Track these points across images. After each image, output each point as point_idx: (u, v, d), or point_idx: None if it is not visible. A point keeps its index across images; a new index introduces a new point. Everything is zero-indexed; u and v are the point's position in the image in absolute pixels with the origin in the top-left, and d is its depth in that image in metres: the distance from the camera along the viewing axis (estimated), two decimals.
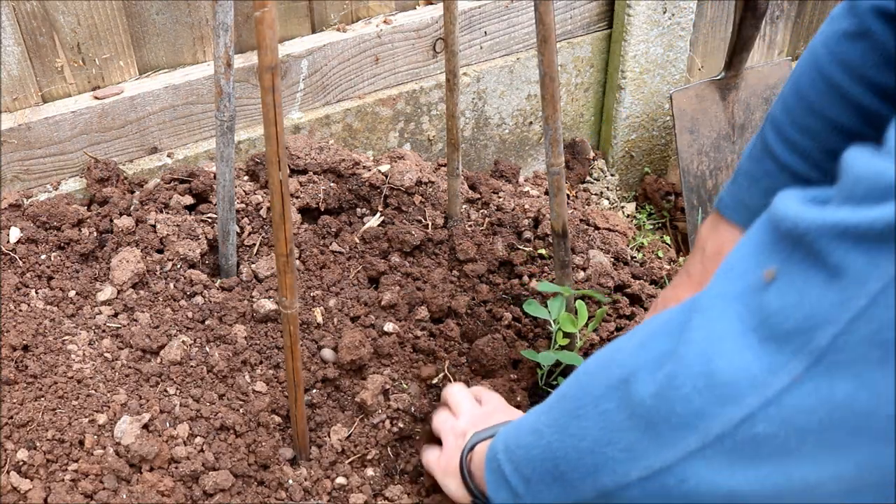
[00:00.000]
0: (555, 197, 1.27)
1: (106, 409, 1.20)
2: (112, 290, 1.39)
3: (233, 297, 1.43)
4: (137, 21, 1.54)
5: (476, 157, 1.99)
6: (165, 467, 1.15)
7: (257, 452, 1.20)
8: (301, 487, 1.18)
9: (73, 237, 1.44)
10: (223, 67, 1.28)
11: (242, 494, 1.15)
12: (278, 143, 0.93)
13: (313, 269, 1.52)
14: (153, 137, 1.60)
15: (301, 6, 1.69)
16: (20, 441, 1.16)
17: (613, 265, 1.66)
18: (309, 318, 1.43)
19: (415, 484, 1.24)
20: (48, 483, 1.12)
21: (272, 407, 1.27)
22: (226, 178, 1.37)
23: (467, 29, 1.83)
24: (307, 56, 1.68)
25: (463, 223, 1.65)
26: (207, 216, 1.51)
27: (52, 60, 1.50)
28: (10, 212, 1.46)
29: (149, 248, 1.45)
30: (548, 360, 1.33)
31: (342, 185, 1.62)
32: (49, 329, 1.32)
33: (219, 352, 1.32)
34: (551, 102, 1.21)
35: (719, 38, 2.20)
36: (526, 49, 1.94)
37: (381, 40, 1.75)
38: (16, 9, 1.41)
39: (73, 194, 1.54)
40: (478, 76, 1.89)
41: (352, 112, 1.76)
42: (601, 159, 2.16)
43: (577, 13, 1.98)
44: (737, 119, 2.12)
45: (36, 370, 1.25)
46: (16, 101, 1.49)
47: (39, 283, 1.39)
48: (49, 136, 1.50)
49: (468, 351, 1.44)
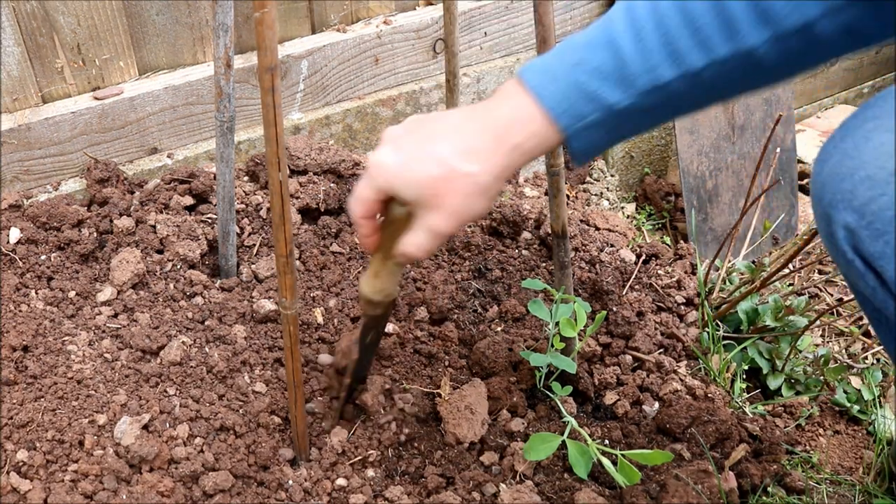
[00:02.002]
0: (554, 198, 1.27)
1: (106, 410, 1.20)
2: (112, 291, 1.39)
3: (233, 297, 1.43)
4: (137, 22, 1.54)
5: None
6: (165, 468, 1.15)
7: (257, 453, 1.20)
8: (301, 488, 1.18)
9: (73, 238, 1.44)
10: (223, 68, 1.28)
11: (242, 495, 1.15)
12: (278, 143, 0.93)
13: (313, 269, 1.52)
14: (153, 138, 1.60)
15: (301, 7, 1.70)
16: (20, 441, 1.16)
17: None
18: (309, 319, 1.43)
19: (416, 485, 1.24)
20: (48, 483, 1.12)
21: (272, 408, 1.27)
22: (226, 179, 1.37)
23: (467, 30, 1.83)
24: (307, 57, 1.68)
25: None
26: (207, 216, 1.51)
27: (52, 61, 1.50)
28: (10, 212, 1.46)
29: (149, 249, 1.45)
30: (540, 361, 1.33)
31: (342, 186, 1.62)
32: (49, 329, 1.32)
33: (218, 352, 1.32)
34: None
35: None
36: (526, 49, 1.94)
37: (381, 41, 1.75)
38: (16, 9, 1.42)
39: (73, 195, 1.54)
40: (478, 77, 1.89)
41: (352, 113, 1.76)
42: (601, 160, 2.16)
43: (577, 13, 1.98)
44: (737, 119, 2.13)
45: (36, 371, 1.25)
46: (16, 102, 1.49)
47: (39, 283, 1.39)
48: (49, 137, 1.50)
49: (469, 353, 1.44)
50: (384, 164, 0.91)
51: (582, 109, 0.87)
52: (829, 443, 1.49)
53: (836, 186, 0.87)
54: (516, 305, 1.52)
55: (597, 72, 0.86)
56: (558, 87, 0.87)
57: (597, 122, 0.87)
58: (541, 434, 1.23)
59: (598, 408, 1.40)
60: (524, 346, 1.44)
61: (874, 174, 0.84)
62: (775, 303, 1.58)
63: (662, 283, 1.67)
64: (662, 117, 0.92)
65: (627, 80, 0.85)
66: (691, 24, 0.83)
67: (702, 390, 1.42)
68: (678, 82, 0.85)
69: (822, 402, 1.57)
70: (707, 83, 0.85)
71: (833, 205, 0.87)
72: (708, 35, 0.83)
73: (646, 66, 0.85)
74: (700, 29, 0.83)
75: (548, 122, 0.88)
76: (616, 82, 0.86)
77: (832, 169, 0.88)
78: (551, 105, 0.88)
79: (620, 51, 0.85)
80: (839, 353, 1.67)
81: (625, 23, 0.86)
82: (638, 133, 0.97)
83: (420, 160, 0.90)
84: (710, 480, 1.22)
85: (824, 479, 1.41)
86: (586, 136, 0.89)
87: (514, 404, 1.33)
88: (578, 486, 1.21)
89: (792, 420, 1.50)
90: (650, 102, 0.86)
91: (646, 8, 0.85)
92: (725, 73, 0.84)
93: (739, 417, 1.40)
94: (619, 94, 0.86)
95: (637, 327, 1.51)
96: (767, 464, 1.33)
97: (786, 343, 1.56)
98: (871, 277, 0.87)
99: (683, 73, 0.84)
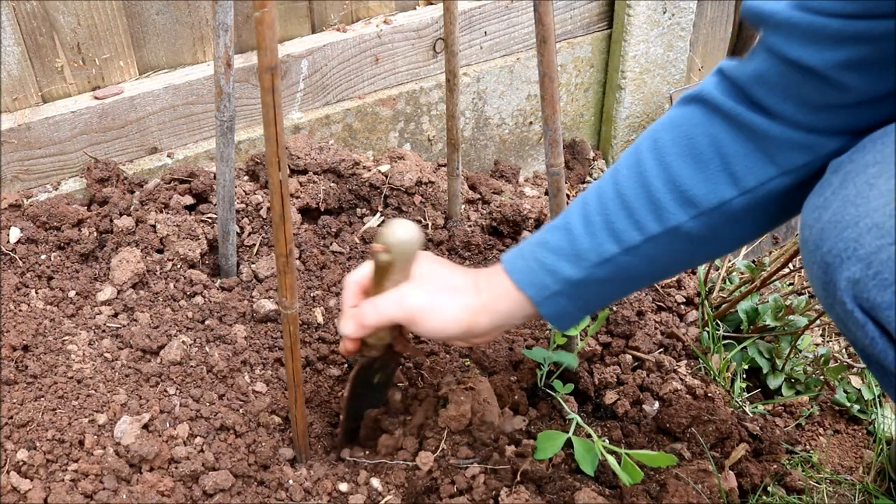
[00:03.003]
0: (554, 197, 1.27)
1: (106, 409, 1.20)
2: (112, 290, 1.39)
3: (233, 297, 1.43)
4: (137, 21, 1.54)
5: (476, 157, 1.99)
6: (165, 467, 1.15)
7: (257, 453, 1.20)
8: (301, 488, 1.18)
9: (73, 237, 1.44)
10: (223, 68, 1.28)
11: (242, 495, 1.15)
12: (278, 143, 0.92)
13: (313, 269, 1.52)
14: (153, 137, 1.60)
15: (301, 6, 1.70)
16: (20, 441, 1.16)
17: None
18: (309, 319, 1.43)
19: None
20: (48, 483, 1.12)
21: (272, 407, 1.27)
22: (226, 178, 1.37)
23: (467, 29, 1.83)
24: (307, 56, 1.68)
25: (463, 223, 1.65)
26: (207, 216, 1.51)
27: (52, 60, 1.50)
28: (10, 212, 1.46)
29: (149, 248, 1.45)
30: (542, 356, 1.33)
31: (342, 186, 1.62)
32: (49, 329, 1.32)
33: (219, 352, 1.32)
34: (551, 103, 1.21)
35: (719, 38, 2.20)
36: (526, 49, 1.94)
37: (381, 40, 1.75)
38: (16, 9, 1.42)
39: (73, 194, 1.54)
40: (478, 76, 1.89)
41: (352, 112, 1.76)
42: (601, 159, 2.16)
43: (577, 13, 1.98)
44: None
45: (36, 370, 1.25)
46: (16, 101, 1.49)
47: (39, 283, 1.39)
48: (49, 137, 1.50)
49: (469, 353, 1.44)
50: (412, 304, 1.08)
51: (544, 280, 1.03)
52: (829, 442, 1.49)
53: (839, 235, 0.84)
54: None
55: (554, 250, 1.03)
56: (525, 263, 1.05)
57: (558, 292, 1.03)
58: (547, 432, 1.23)
59: (599, 407, 1.40)
60: (524, 346, 1.44)
61: (882, 223, 0.81)
62: (775, 302, 1.58)
63: (662, 282, 1.67)
64: (622, 288, 1.08)
65: (579, 255, 1.02)
66: (626, 207, 1.00)
67: (702, 390, 1.42)
68: (623, 256, 1.00)
69: (822, 402, 1.57)
70: (649, 256, 1.01)
71: (835, 254, 0.84)
72: (640, 216, 1.00)
73: (593, 244, 1.01)
74: (633, 211, 1.00)
75: (518, 292, 1.05)
76: (570, 258, 1.02)
77: (833, 217, 0.85)
78: (519, 279, 1.05)
79: (572, 232, 1.03)
80: (839, 353, 1.66)
81: (577, 207, 1.04)
82: (606, 303, 1.18)
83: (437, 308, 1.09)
84: (710, 480, 1.22)
85: (824, 478, 1.41)
86: (553, 304, 1.04)
87: (516, 402, 1.33)
88: (579, 485, 1.21)
89: (792, 420, 1.50)
90: (603, 274, 1.02)
91: (594, 193, 1.04)
92: (663, 247, 1.00)
93: (739, 417, 1.40)
94: (573, 269, 1.02)
95: (637, 327, 1.51)
96: (767, 463, 1.33)
97: (786, 342, 1.56)
98: (872, 328, 0.83)
99: (625, 248, 1.00)
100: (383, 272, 1.07)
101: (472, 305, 1.07)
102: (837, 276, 0.84)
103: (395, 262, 1.05)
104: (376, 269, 1.07)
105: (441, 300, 1.08)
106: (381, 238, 1.04)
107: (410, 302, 1.07)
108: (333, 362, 1.39)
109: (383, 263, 1.05)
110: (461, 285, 1.09)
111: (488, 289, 1.08)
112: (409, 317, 1.07)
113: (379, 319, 1.08)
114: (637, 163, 1.02)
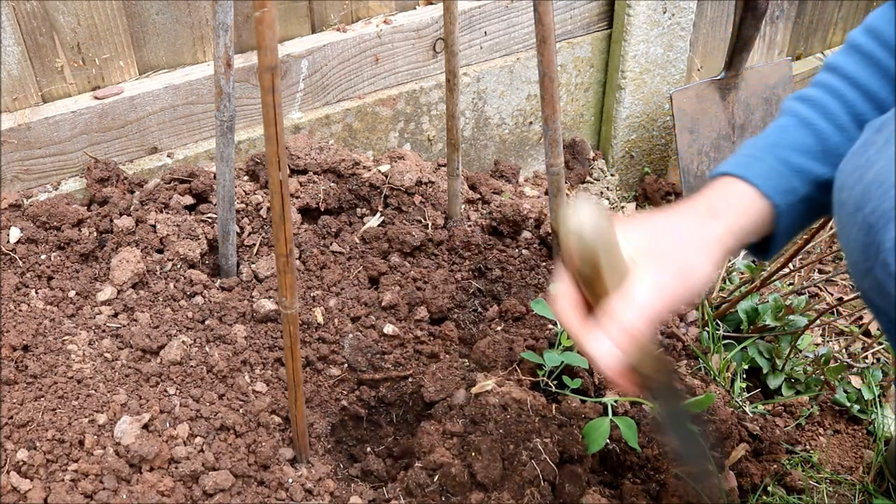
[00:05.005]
0: (555, 197, 1.27)
1: (106, 409, 1.20)
2: (112, 290, 1.39)
3: (233, 297, 1.43)
4: (137, 21, 1.54)
5: (476, 157, 1.99)
6: (165, 467, 1.15)
7: (257, 452, 1.20)
8: (302, 488, 1.18)
9: (73, 237, 1.44)
10: (223, 67, 1.28)
11: (242, 494, 1.15)
12: (278, 143, 0.93)
13: (313, 269, 1.52)
14: (153, 137, 1.60)
15: (301, 6, 1.70)
16: (20, 441, 1.16)
17: None
18: (309, 319, 1.43)
19: None
20: (48, 483, 1.12)
21: (272, 407, 1.27)
22: (226, 178, 1.37)
23: (467, 29, 1.83)
24: (307, 56, 1.68)
25: (463, 223, 1.65)
26: (207, 216, 1.51)
27: (52, 60, 1.50)
28: (10, 212, 1.46)
29: (149, 248, 1.45)
30: (553, 361, 1.33)
31: (342, 185, 1.62)
32: (49, 329, 1.32)
33: (219, 352, 1.32)
34: (551, 102, 1.22)
35: (719, 38, 2.20)
36: (526, 49, 1.94)
37: (381, 40, 1.75)
38: (16, 9, 1.42)
39: (73, 194, 1.54)
40: (478, 76, 1.89)
41: (352, 112, 1.76)
42: (601, 159, 2.16)
43: (577, 13, 1.98)
44: (737, 119, 2.13)
45: (36, 370, 1.25)
46: (16, 101, 1.49)
47: (39, 283, 1.39)
48: (49, 136, 1.50)
49: (469, 353, 1.44)
50: None
51: (791, 183, 0.91)
52: (828, 442, 1.49)
53: (885, 194, 0.80)
54: (516, 305, 1.52)
55: (799, 147, 0.91)
56: (766, 166, 0.91)
57: (804, 198, 0.92)
58: (589, 424, 1.24)
59: None
60: (524, 346, 1.44)
61: None
62: (775, 302, 1.58)
63: None
64: None
65: (830, 152, 0.90)
66: (871, 99, 0.90)
67: (702, 389, 1.42)
68: None
69: (822, 402, 1.57)
70: None
71: (880, 213, 0.80)
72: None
73: (843, 139, 0.90)
74: (882, 102, 0.89)
75: (763, 200, 0.91)
76: (819, 156, 0.91)
77: (877, 176, 0.82)
78: (762, 183, 0.91)
79: (817, 128, 0.90)
80: (839, 353, 1.66)
81: (806, 107, 0.92)
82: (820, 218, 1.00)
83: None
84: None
85: (824, 478, 1.41)
86: (791, 216, 0.92)
87: None
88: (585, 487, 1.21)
89: (792, 419, 1.50)
90: None
91: (820, 94, 0.93)
92: None
93: (739, 417, 1.40)
94: (825, 168, 0.91)
95: None
96: (767, 463, 1.33)
97: (786, 342, 1.56)
98: None
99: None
100: (594, 271, 0.84)
101: (717, 235, 0.91)
102: (883, 237, 0.80)
103: (601, 254, 0.82)
104: (583, 277, 0.86)
105: (685, 248, 0.90)
106: (572, 235, 0.82)
107: (666, 268, 0.87)
108: (333, 362, 1.39)
109: (589, 263, 0.83)
110: (691, 223, 0.92)
111: (727, 209, 0.92)
112: (674, 290, 0.87)
113: (646, 313, 0.85)
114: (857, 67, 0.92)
